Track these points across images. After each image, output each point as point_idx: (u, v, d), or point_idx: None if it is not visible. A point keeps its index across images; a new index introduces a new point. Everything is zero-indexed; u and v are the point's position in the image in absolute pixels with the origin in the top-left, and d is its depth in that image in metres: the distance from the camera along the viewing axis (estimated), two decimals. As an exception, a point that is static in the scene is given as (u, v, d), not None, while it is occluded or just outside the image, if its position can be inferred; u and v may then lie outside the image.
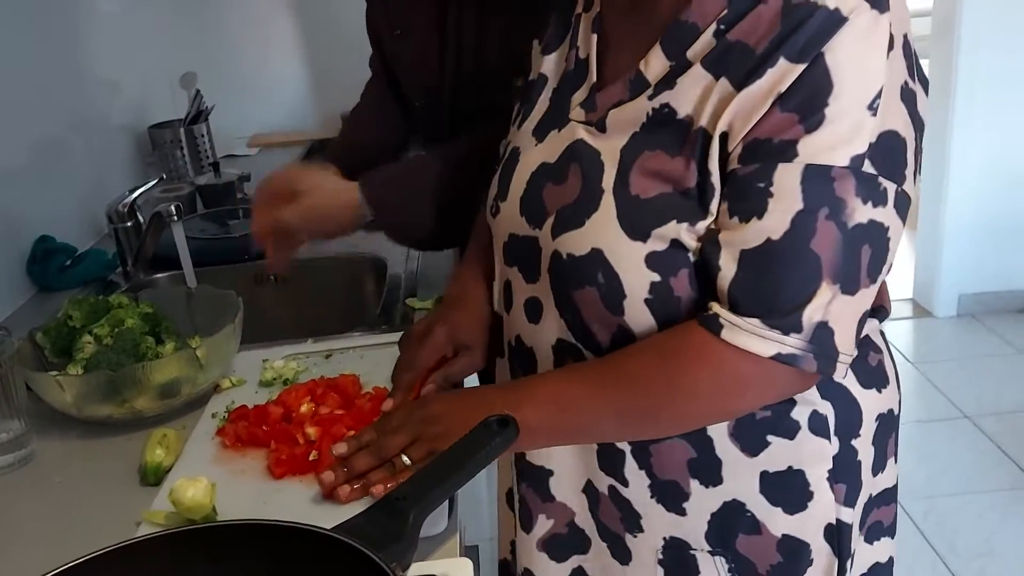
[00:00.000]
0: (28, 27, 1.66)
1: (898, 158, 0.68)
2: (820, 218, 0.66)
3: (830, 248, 0.66)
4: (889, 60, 0.67)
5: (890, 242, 0.69)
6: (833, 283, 0.67)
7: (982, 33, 3.10)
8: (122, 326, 1.09)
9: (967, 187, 3.28)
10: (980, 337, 3.28)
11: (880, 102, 0.66)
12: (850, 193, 0.66)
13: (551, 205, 0.82)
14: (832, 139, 0.66)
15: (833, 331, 0.68)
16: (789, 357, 0.68)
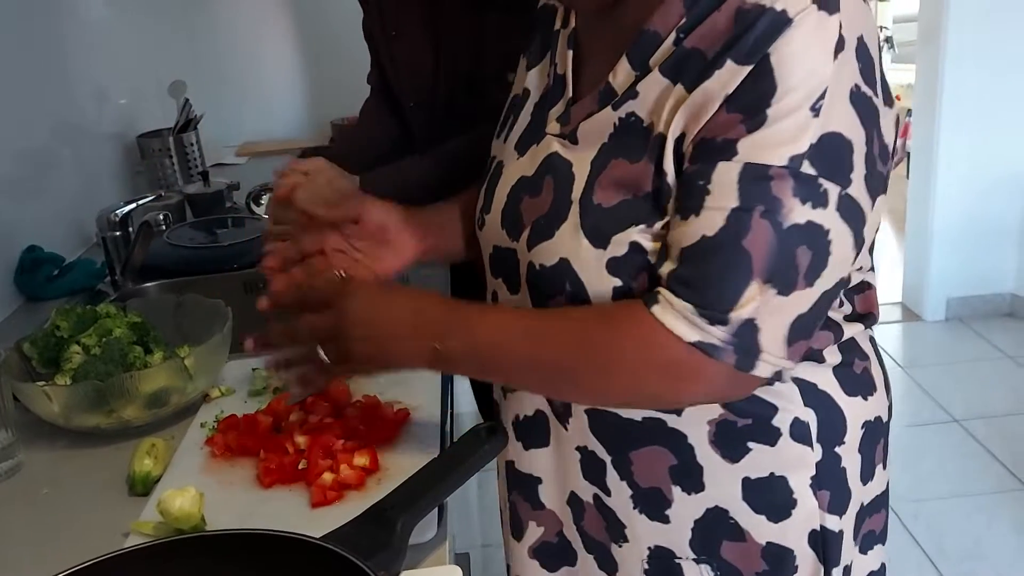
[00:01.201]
0: (15, 35, 1.66)
1: (842, 161, 0.67)
2: (755, 216, 0.66)
3: (763, 247, 0.66)
4: (837, 62, 0.66)
5: (832, 245, 0.68)
6: (764, 282, 0.67)
7: (967, 39, 3.13)
8: (110, 336, 1.09)
9: (954, 192, 3.31)
10: (968, 341, 3.30)
11: (824, 103, 0.66)
12: (787, 193, 0.65)
13: (527, 217, 0.83)
14: (772, 139, 0.66)
15: (759, 329, 0.68)
16: (709, 347, 0.68)
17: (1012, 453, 2.59)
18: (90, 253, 1.74)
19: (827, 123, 0.66)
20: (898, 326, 3.49)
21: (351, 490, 0.87)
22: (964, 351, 3.24)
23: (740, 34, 0.67)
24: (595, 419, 0.83)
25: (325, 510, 0.85)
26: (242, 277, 1.64)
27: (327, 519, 0.79)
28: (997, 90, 3.19)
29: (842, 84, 0.66)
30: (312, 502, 0.85)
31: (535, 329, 0.77)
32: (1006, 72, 3.17)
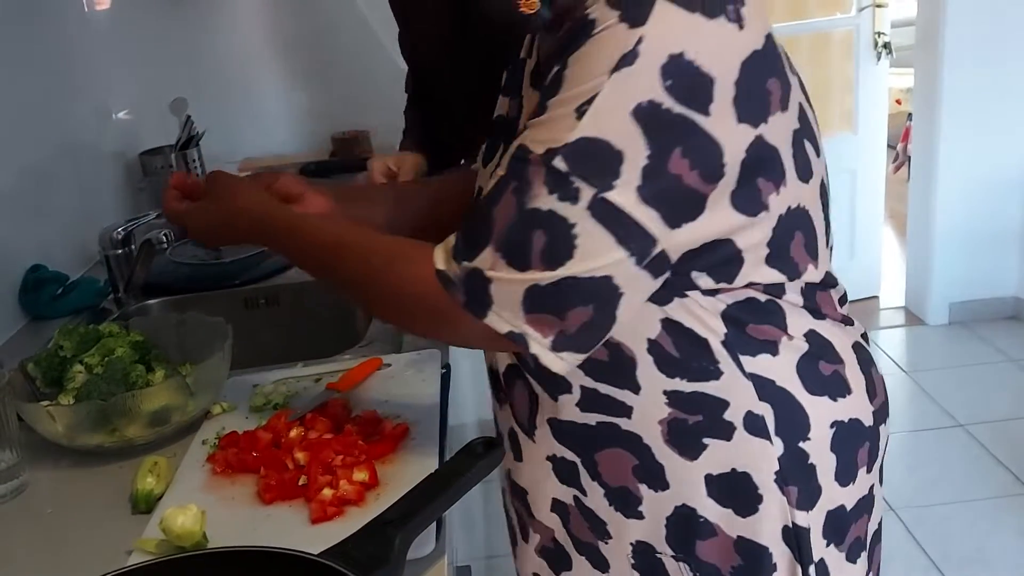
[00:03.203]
0: (16, 55, 1.67)
1: (603, 166, 0.69)
2: (508, 190, 0.72)
3: (505, 218, 0.72)
4: (619, 74, 0.68)
5: (578, 239, 0.70)
6: (497, 250, 0.72)
7: (965, 42, 3.14)
8: (112, 355, 1.10)
9: (955, 195, 3.31)
10: (971, 345, 3.30)
11: (590, 109, 0.68)
12: (538, 179, 0.70)
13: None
14: (542, 131, 0.71)
15: (490, 282, 0.73)
16: (445, 278, 0.75)
17: (1016, 458, 2.59)
18: (94, 271, 1.76)
19: (591, 128, 0.69)
20: (901, 330, 3.49)
21: (351, 505, 0.88)
22: (967, 355, 3.24)
23: (566, 39, 0.73)
24: (556, 428, 0.87)
25: (325, 526, 0.85)
26: (243, 293, 1.66)
27: (328, 535, 0.80)
28: (996, 93, 3.20)
29: (623, 97, 0.68)
30: (312, 518, 0.86)
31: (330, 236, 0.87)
32: (1005, 75, 3.18)
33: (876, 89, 3.50)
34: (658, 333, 0.79)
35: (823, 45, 3.42)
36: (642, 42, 0.67)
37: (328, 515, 0.86)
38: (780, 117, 0.74)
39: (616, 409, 0.82)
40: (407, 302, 0.80)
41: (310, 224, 0.91)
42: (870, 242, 3.68)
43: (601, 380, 0.82)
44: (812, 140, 0.80)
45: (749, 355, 0.79)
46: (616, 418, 0.83)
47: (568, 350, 0.74)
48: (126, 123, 2.19)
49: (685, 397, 0.80)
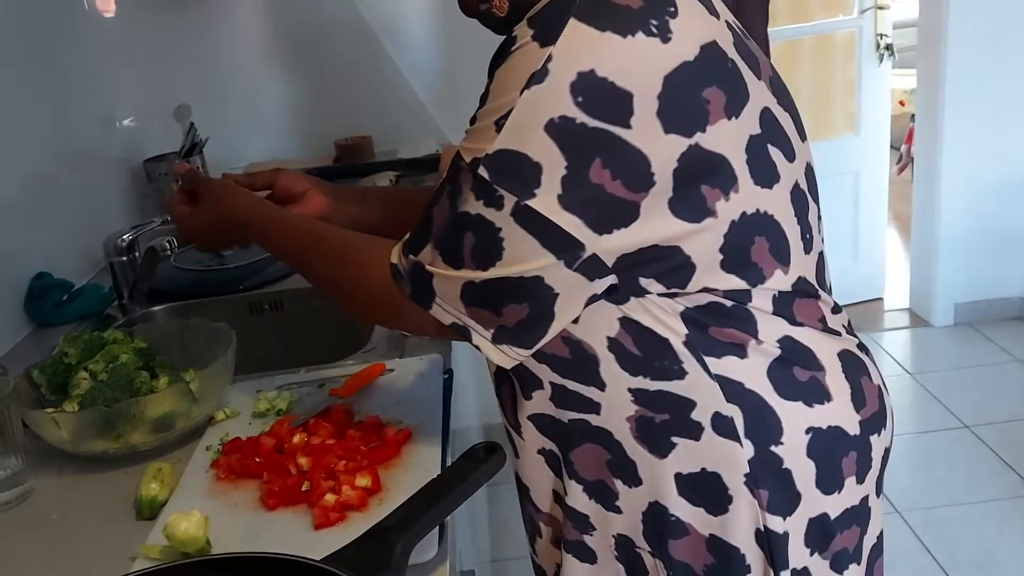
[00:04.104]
0: (21, 62, 1.68)
1: (523, 177, 0.72)
2: (444, 193, 0.78)
3: (440, 219, 0.78)
4: (531, 91, 0.70)
5: (504, 242, 0.75)
6: (435, 247, 0.79)
7: (967, 43, 3.13)
8: (117, 361, 1.11)
9: (959, 196, 3.30)
10: (977, 346, 3.29)
11: (507, 123, 0.72)
12: (467, 185, 0.75)
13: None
14: (470, 139, 0.76)
15: (432, 276, 0.79)
16: (395, 270, 0.82)
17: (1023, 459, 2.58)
18: (99, 278, 1.76)
19: (509, 142, 0.72)
20: (906, 332, 3.48)
21: (354, 511, 0.88)
22: (973, 356, 3.23)
23: (497, 51, 0.77)
24: (537, 422, 0.89)
25: (328, 531, 0.86)
26: (248, 299, 1.66)
27: (331, 540, 0.80)
28: (1000, 94, 3.19)
29: (536, 113, 0.71)
30: (315, 523, 0.87)
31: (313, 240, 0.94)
32: (1008, 76, 3.18)
33: (878, 91, 3.49)
34: (617, 331, 0.80)
35: (825, 47, 3.42)
36: (551, 60, 0.70)
37: (331, 521, 0.86)
38: (725, 124, 0.74)
39: (585, 406, 0.84)
40: (366, 295, 0.88)
41: (288, 222, 1.00)
42: (873, 244, 3.67)
43: (568, 377, 0.84)
44: (781, 144, 0.80)
45: (714, 356, 0.80)
46: (586, 414, 0.85)
47: (508, 343, 0.79)
48: (131, 130, 2.21)
49: (650, 395, 0.81)
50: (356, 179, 2.38)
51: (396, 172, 2.43)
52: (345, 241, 0.93)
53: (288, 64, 2.76)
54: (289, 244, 0.97)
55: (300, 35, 2.73)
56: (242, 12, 2.67)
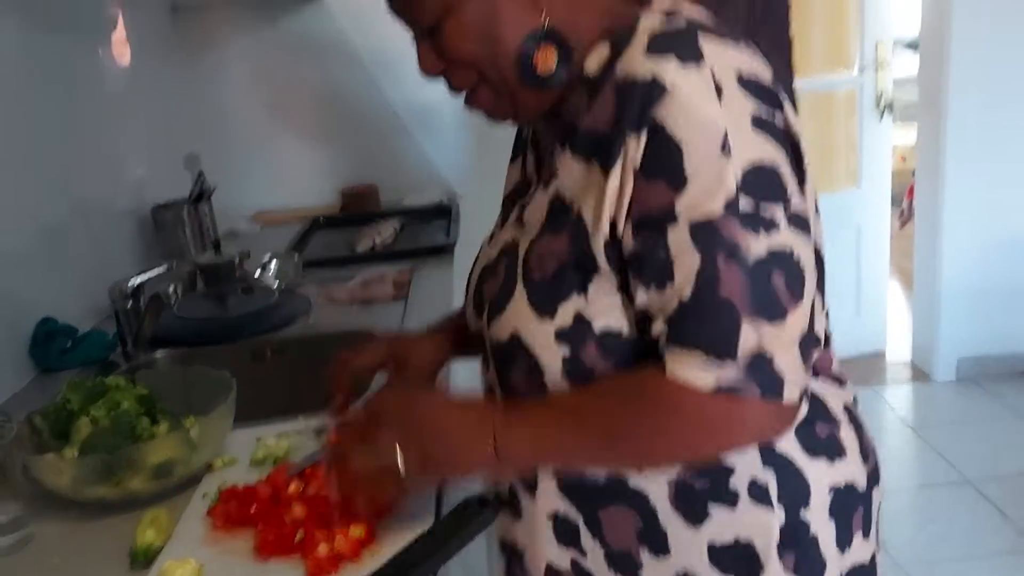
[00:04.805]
0: (31, 110, 1.71)
1: (773, 182, 0.73)
2: (720, 264, 0.71)
3: (739, 289, 0.71)
4: (723, 104, 0.72)
5: (801, 260, 0.73)
6: (754, 318, 0.71)
7: (968, 100, 3.18)
8: (118, 408, 1.12)
9: (961, 250, 3.32)
10: (980, 401, 3.28)
11: (731, 143, 0.71)
12: (738, 232, 0.71)
13: (487, 297, 0.90)
14: (701, 192, 0.71)
15: (771, 358, 0.72)
16: (730, 388, 0.72)
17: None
18: (104, 324, 1.78)
19: (742, 157, 0.71)
20: (908, 387, 3.47)
21: (347, 562, 0.88)
22: (976, 411, 3.22)
23: (623, 107, 0.74)
24: (565, 480, 0.86)
25: (321, 581, 0.86)
26: (250, 346, 1.68)
27: (322, 590, 0.81)
28: (1000, 150, 3.23)
29: (740, 119, 0.72)
30: (308, 574, 0.87)
31: (573, 419, 0.80)
32: (1009, 131, 3.22)
33: (880, 146, 3.54)
34: None
35: (827, 103, 3.47)
36: (715, 73, 0.72)
37: (324, 571, 0.87)
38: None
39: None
40: (691, 438, 0.77)
41: (524, 420, 0.82)
42: (876, 297, 3.69)
43: None
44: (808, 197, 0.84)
45: None
46: (626, 473, 0.83)
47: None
48: (140, 178, 2.24)
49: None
50: (361, 226, 2.41)
51: (401, 220, 2.46)
52: (605, 403, 0.79)
53: (296, 114, 2.82)
54: (552, 441, 0.81)
55: (308, 86, 2.79)
56: (251, 63, 2.73)
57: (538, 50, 0.80)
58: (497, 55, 0.81)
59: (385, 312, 1.77)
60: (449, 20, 0.80)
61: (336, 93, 2.80)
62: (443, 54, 0.83)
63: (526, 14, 0.80)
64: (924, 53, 3.33)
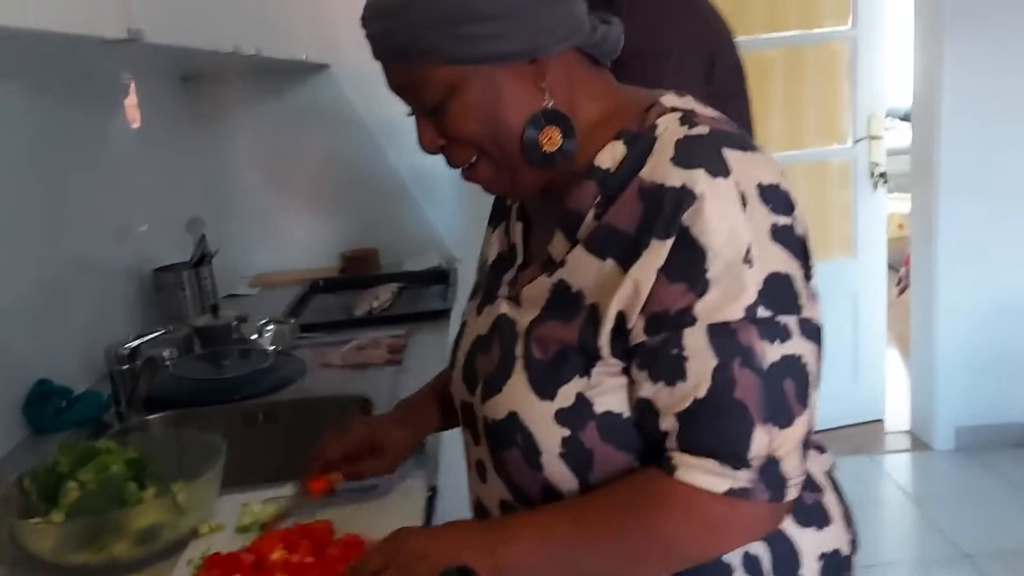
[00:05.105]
0: (39, 170, 1.74)
1: (788, 293, 0.76)
2: (735, 369, 0.73)
3: (753, 393, 0.73)
4: (747, 214, 0.75)
5: (808, 367, 0.76)
6: (766, 423, 0.74)
7: (960, 170, 3.22)
8: (107, 471, 1.13)
9: (957, 319, 3.33)
10: (979, 472, 3.25)
11: (753, 254, 0.74)
12: (755, 339, 0.74)
13: (481, 373, 0.91)
14: (722, 297, 0.74)
15: (779, 461, 0.75)
16: (741, 491, 0.74)
17: (1026, 590, 2.53)
18: (100, 384, 1.79)
19: (763, 267, 0.74)
20: (907, 456, 3.45)
21: (327, 630, 0.89)
22: (975, 483, 3.19)
23: (652, 213, 0.76)
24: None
25: (300, 651, 0.86)
26: (243, 409, 1.69)
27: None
28: (993, 220, 3.26)
29: (761, 230, 0.75)
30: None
31: (584, 526, 0.79)
32: (1001, 201, 3.25)
33: (874, 215, 3.58)
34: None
35: (821, 172, 3.52)
36: (740, 184, 0.76)
37: (304, 639, 0.87)
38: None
39: None
40: (698, 540, 0.78)
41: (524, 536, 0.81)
42: (873, 365, 3.69)
43: None
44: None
45: None
46: None
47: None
48: (142, 239, 2.26)
49: None
50: (360, 290, 2.44)
51: (399, 284, 2.49)
52: (607, 513, 0.79)
53: (300, 179, 2.87)
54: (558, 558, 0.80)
55: (313, 152, 2.85)
56: (258, 130, 2.80)
57: (542, 131, 0.83)
58: (500, 134, 0.83)
59: (379, 377, 1.78)
60: (453, 100, 0.82)
61: (340, 159, 2.86)
62: (444, 132, 0.85)
63: (529, 95, 0.83)
64: (916, 124, 3.40)
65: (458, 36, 0.79)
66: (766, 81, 3.42)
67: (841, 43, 3.42)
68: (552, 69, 0.83)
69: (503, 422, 0.85)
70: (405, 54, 0.82)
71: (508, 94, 0.82)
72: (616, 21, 0.91)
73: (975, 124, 3.19)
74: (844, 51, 3.43)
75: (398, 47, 0.82)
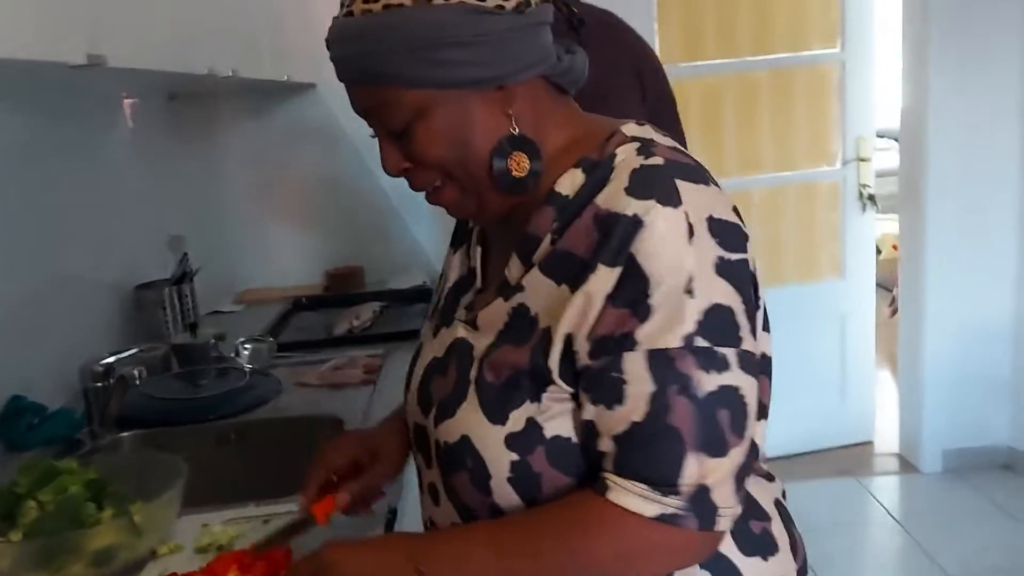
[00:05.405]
0: (23, 185, 1.75)
1: (728, 326, 0.77)
2: (672, 395, 0.74)
3: (687, 420, 0.74)
4: (693, 245, 0.76)
5: (745, 398, 0.77)
6: (698, 451, 0.74)
7: (947, 194, 3.23)
8: (65, 492, 1.13)
9: (945, 342, 3.33)
10: (965, 495, 3.23)
11: (696, 284, 0.75)
12: (692, 367, 0.74)
13: (435, 396, 0.91)
14: (662, 325, 0.75)
15: (710, 490, 0.75)
16: (671, 517, 0.75)
17: (1008, 615, 2.51)
18: (76, 402, 1.79)
19: (704, 299, 0.75)
20: (895, 478, 3.44)
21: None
22: (961, 505, 3.17)
23: (603, 239, 0.77)
24: None
25: (245, 676, 0.86)
26: (215, 429, 1.69)
27: None
28: (980, 242, 3.26)
29: (706, 262, 0.76)
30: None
31: (506, 546, 0.80)
32: (988, 224, 3.26)
33: (863, 237, 3.58)
34: None
35: (810, 194, 3.53)
36: (689, 216, 0.76)
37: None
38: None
39: None
40: (629, 562, 0.78)
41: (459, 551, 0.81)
42: (862, 386, 3.68)
43: None
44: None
45: None
46: None
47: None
48: (123, 257, 2.26)
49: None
50: (342, 308, 2.44)
51: (382, 303, 2.49)
52: (536, 529, 0.80)
53: (286, 197, 2.88)
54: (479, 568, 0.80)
55: (300, 170, 2.87)
56: (245, 148, 2.82)
57: (510, 157, 0.84)
58: (467, 159, 0.84)
59: (354, 397, 1.79)
60: (419, 124, 0.82)
61: (327, 177, 2.87)
62: (410, 156, 0.85)
63: (496, 121, 0.83)
64: (904, 146, 3.41)
65: (427, 61, 0.79)
66: (755, 103, 3.44)
67: (830, 65, 3.44)
68: (519, 96, 0.84)
69: (455, 445, 0.85)
70: (372, 77, 0.81)
71: (475, 119, 0.83)
72: (581, 51, 0.91)
73: (961, 146, 3.20)
74: (833, 73, 3.45)
75: (365, 70, 0.81)
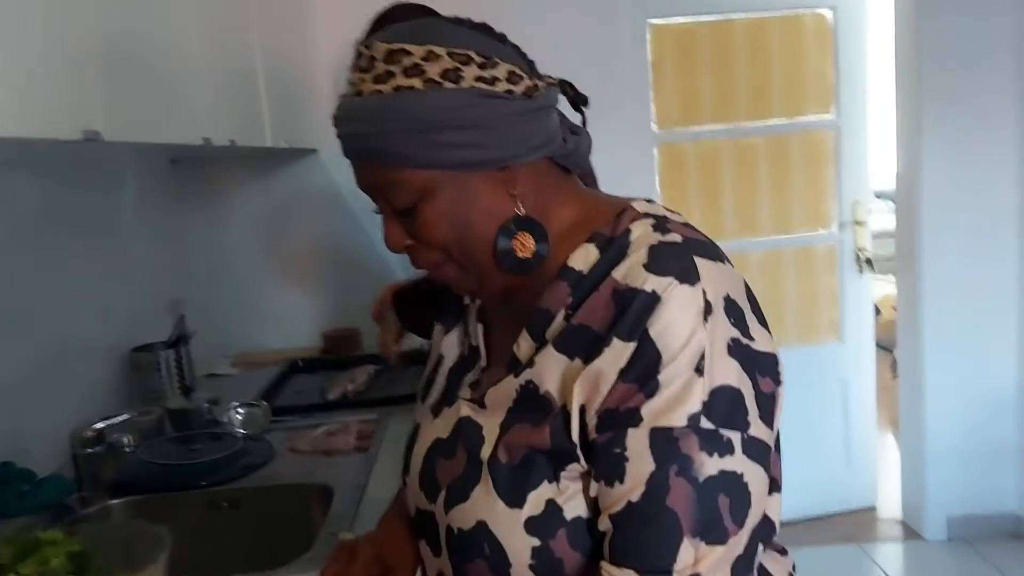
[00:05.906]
0: (21, 249, 1.76)
1: (736, 408, 0.75)
2: (671, 476, 0.73)
3: (685, 503, 0.72)
4: (708, 324, 0.75)
5: (748, 486, 0.74)
6: (694, 536, 0.72)
7: (944, 258, 3.23)
8: (47, 565, 1.12)
9: (946, 407, 3.31)
10: (970, 563, 3.18)
11: (706, 363, 0.74)
12: (694, 449, 0.73)
13: (443, 480, 0.89)
14: (668, 402, 0.73)
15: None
16: None
17: None
18: (65, 468, 1.78)
19: (713, 379, 0.74)
20: (899, 546, 3.38)
21: None
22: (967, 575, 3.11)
23: (620, 314, 0.76)
24: None
25: None
26: (207, 496, 1.67)
27: None
28: (979, 305, 3.26)
29: (718, 342, 0.75)
30: None
31: None
32: (986, 287, 3.25)
33: (861, 300, 3.59)
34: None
35: (807, 257, 3.55)
36: (707, 294, 0.76)
37: None
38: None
39: None
40: None
41: None
42: (865, 451, 3.65)
43: None
44: None
45: None
46: None
47: None
48: (125, 320, 2.28)
49: None
50: (340, 371, 2.44)
51: (378, 366, 2.49)
52: None
53: (285, 260, 2.91)
54: None
55: (299, 233, 2.89)
56: (245, 212, 2.85)
57: (514, 237, 0.84)
58: (469, 239, 0.83)
59: (346, 463, 1.77)
60: (424, 204, 0.82)
61: (327, 240, 2.90)
62: (413, 234, 0.85)
63: (500, 202, 0.83)
64: (899, 209, 3.43)
65: (435, 143, 0.79)
66: (752, 167, 3.48)
67: (825, 131, 3.48)
68: (523, 176, 0.84)
69: (470, 532, 0.82)
70: (380, 157, 0.82)
71: (480, 200, 0.83)
72: (585, 132, 0.92)
73: (956, 208, 3.21)
74: (828, 139, 3.49)
75: (373, 150, 0.82)
